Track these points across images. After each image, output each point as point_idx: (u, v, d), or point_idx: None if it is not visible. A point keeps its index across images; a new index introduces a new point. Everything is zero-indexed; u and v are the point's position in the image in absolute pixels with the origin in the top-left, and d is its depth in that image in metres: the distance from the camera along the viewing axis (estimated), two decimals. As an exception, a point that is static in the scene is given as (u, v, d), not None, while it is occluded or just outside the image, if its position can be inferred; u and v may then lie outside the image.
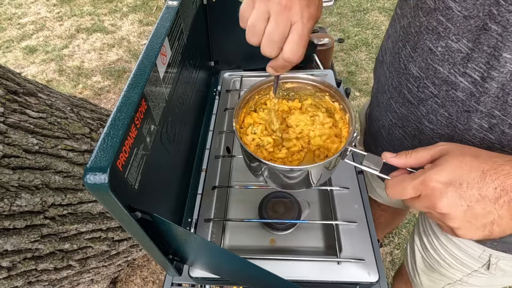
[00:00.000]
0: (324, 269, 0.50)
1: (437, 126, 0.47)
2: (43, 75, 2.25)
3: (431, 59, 0.43)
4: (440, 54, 0.42)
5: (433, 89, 0.45)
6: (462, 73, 0.40)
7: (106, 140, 0.30)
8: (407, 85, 0.49)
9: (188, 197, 0.59)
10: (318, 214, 0.62)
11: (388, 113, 0.57)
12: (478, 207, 0.31)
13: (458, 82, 0.41)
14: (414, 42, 0.46)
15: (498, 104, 0.39)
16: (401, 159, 0.38)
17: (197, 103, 0.69)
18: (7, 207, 0.66)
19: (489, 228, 0.32)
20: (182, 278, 0.53)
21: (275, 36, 0.37)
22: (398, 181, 0.36)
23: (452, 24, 0.39)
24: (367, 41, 2.33)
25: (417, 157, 0.37)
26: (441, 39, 0.41)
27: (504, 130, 0.40)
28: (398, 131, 0.56)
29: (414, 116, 0.50)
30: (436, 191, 0.32)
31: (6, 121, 0.70)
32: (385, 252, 1.36)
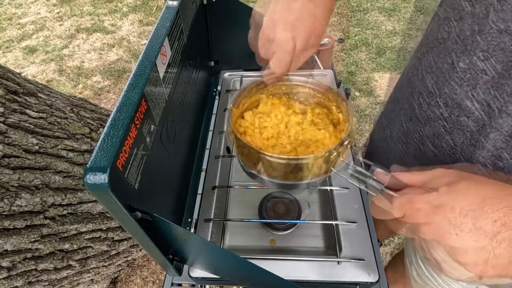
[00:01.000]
0: (324, 269, 0.50)
1: (440, 153, 0.42)
2: (43, 75, 2.25)
3: (450, 76, 0.37)
4: (461, 72, 0.36)
5: (444, 110, 0.39)
6: (481, 99, 0.34)
7: (106, 140, 0.30)
8: (419, 99, 0.44)
9: (188, 197, 0.59)
10: (318, 214, 0.62)
11: (396, 123, 0.53)
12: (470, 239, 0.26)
13: (473, 110, 0.35)
14: (438, 50, 0.40)
15: (509, 146, 0.33)
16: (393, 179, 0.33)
17: (197, 103, 0.69)
18: (7, 207, 0.66)
19: (480, 268, 0.26)
20: (182, 278, 0.53)
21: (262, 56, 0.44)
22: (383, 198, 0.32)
23: (482, 37, 0.32)
24: (367, 41, 2.33)
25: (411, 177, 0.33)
26: (466, 54, 0.35)
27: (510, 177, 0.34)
28: (401, 145, 0.52)
29: (418, 136, 0.46)
30: (422, 212, 0.28)
31: (6, 121, 0.70)
32: (385, 252, 1.36)
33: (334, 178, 0.61)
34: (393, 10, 2.59)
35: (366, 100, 1.92)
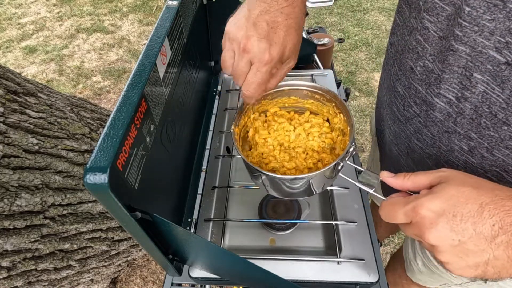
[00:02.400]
0: (324, 269, 0.50)
1: (424, 146, 0.46)
2: (43, 75, 2.25)
3: (412, 79, 0.43)
4: (419, 74, 0.42)
5: (415, 108, 0.45)
6: (436, 93, 0.40)
7: (106, 140, 0.30)
8: (396, 103, 0.49)
9: (188, 197, 0.59)
10: (318, 214, 0.62)
11: (386, 128, 0.57)
12: (471, 244, 0.28)
13: (434, 103, 0.41)
14: (400, 60, 0.46)
15: (473, 126, 0.37)
16: (398, 180, 0.36)
17: (197, 103, 0.69)
18: (7, 207, 0.66)
19: (482, 268, 0.29)
20: (182, 278, 0.53)
21: (237, 72, 0.43)
22: (391, 204, 0.34)
23: (428, 44, 0.39)
24: (367, 41, 2.33)
25: (415, 180, 0.35)
26: (420, 59, 0.41)
27: (483, 153, 0.38)
28: (394, 148, 0.55)
29: (404, 134, 0.50)
30: (426, 220, 0.30)
31: (6, 121, 0.70)
32: (385, 252, 1.36)
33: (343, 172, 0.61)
34: (393, 10, 2.59)
35: (366, 100, 1.92)
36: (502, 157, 0.37)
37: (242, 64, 0.42)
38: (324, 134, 0.53)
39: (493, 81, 0.33)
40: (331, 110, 0.53)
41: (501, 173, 0.38)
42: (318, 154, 0.51)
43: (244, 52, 0.41)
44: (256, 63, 0.41)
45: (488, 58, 0.33)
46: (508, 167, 0.37)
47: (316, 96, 0.54)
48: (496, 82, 0.33)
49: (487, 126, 0.36)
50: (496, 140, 0.36)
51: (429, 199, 0.30)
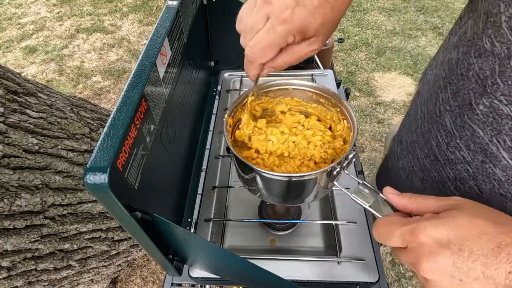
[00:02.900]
0: (324, 269, 0.50)
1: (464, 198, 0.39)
2: (43, 75, 2.25)
3: (470, 117, 0.33)
4: (482, 115, 0.32)
5: (466, 153, 0.35)
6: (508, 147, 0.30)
7: (106, 140, 0.30)
8: (437, 136, 0.39)
9: (188, 197, 0.59)
10: (318, 214, 0.62)
11: (410, 156, 0.47)
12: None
13: (499, 157, 0.31)
14: (457, 87, 0.35)
15: None
16: (403, 200, 0.31)
17: (197, 103, 0.69)
18: (7, 207, 0.66)
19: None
20: (182, 278, 0.53)
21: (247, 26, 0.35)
22: (387, 223, 0.30)
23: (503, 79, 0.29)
24: (367, 41, 2.33)
25: (422, 204, 0.30)
26: (485, 96, 0.31)
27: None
28: (418, 181, 0.46)
29: (438, 176, 0.41)
30: (425, 247, 0.25)
31: (6, 121, 0.70)
32: (385, 252, 1.36)
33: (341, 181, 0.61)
34: (393, 10, 2.59)
35: (366, 100, 1.92)
36: None
37: (256, 18, 0.33)
38: (327, 144, 0.48)
39: None
40: (335, 117, 0.50)
41: None
42: (316, 165, 0.46)
43: (265, 3, 0.32)
44: (272, 18, 0.32)
45: None
46: None
47: (321, 100, 0.51)
48: None
49: None
50: None
51: (433, 224, 0.26)
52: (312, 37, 0.34)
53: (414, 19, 2.48)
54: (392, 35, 2.36)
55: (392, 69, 2.10)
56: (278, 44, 0.34)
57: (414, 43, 2.27)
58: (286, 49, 0.35)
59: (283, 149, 0.48)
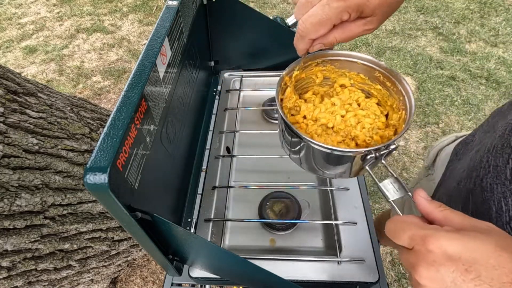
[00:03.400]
0: (324, 269, 0.50)
1: None
2: (43, 75, 2.25)
3: None
4: None
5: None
6: None
7: (106, 140, 0.30)
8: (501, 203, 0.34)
9: (188, 197, 0.59)
10: (318, 214, 0.62)
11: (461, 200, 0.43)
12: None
13: None
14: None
15: None
16: (431, 206, 0.29)
17: (197, 103, 0.69)
18: (7, 207, 0.66)
19: None
20: (182, 278, 0.53)
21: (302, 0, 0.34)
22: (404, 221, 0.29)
23: None
24: (367, 41, 2.33)
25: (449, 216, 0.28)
26: None
27: None
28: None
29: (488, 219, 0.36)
30: (431, 256, 0.25)
31: (6, 121, 0.70)
32: (385, 252, 1.36)
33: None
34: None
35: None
36: None
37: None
38: (376, 130, 0.45)
39: None
40: (395, 104, 0.45)
41: None
42: (357, 147, 0.44)
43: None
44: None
45: None
46: None
47: (387, 83, 0.46)
48: None
49: None
50: None
51: (450, 238, 0.25)
52: (369, 16, 0.33)
53: (414, 19, 2.48)
54: (392, 35, 2.36)
55: (392, 69, 2.10)
56: (332, 20, 0.33)
57: (414, 43, 2.26)
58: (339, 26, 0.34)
59: (328, 119, 0.46)
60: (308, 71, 0.49)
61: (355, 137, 0.45)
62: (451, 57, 2.12)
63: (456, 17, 2.43)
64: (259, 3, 2.79)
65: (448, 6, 2.56)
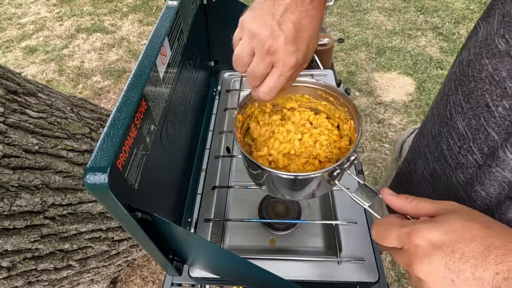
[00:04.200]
0: (324, 269, 0.50)
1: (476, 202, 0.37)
2: (43, 75, 2.25)
3: (486, 120, 0.33)
4: (499, 118, 0.31)
5: (478, 157, 0.35)
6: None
7: (106, 140, 0.30)
8: (448, 139, 0.39)
9: (188, 197, 0.59)
10: (318, 214, 0.62)
11: (421, 161, 0.47)
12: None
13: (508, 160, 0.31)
14: (469, 89, 0.35)
15: None
16: (399, 200, 0.32)
17: (197, 103, 0.69)
18: (7, 207, 0.66)
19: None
20: (182, 278, 0.53)
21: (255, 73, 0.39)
22: (385, 223, 0.31)
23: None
24: (367, 41, 2.33)
25: (418, 206, 0.31)
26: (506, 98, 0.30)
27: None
28: (426, 186, 0.46)
29: (448, 181, 0.41)
30: (419, 249, 0.26)
31: (6, 121, 0.70)
32: (385, 252, 1.36)
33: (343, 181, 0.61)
34: (393, 10, 2.59)
35: (366, 100, 1.92)
36: None
37: (262, 66, 0.38)
38: (333, 144, 0.49)
39: None
40: (342, 116, 0.50)
41: None
42: (321, 164, 0.47)
43: (268, 53, 0.36)
44: (280, 67, 0.37)
45: None
46: None
47: (330, 98, 0.51)
48: None
49: None
50: None
51: (429, 227, 0.27)
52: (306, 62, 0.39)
53: (414, 19, 2.48)
54: (392, 35, 2.36)
55: (392, 69, 2.10)
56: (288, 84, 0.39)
57: (414, 43, 2.27)
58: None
59: (289, 147, 0.49)
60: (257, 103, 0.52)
61: (317, 156, 0.48)
62: (451, 57, 2.12)
63: (456, 17, 2.43)
64: (259, 3, 2.78)
65: (448, 6, 2.56)
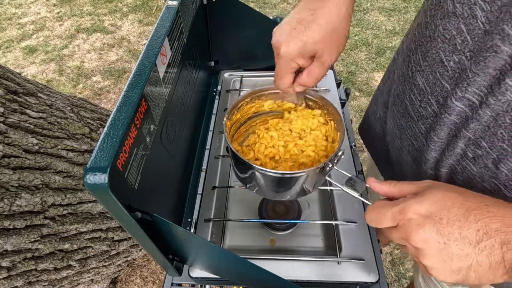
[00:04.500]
0: (324, 269, 0.50)
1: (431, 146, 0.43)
2: (43, 75, 2.25)
3: (441, 74, 0.38)
4: (451, 71, 0.36)
5: (435, 107, 0.40)
6: (459, 97, 0.36)
7: (106, 140, 0.30)
8: (410, 96, 0.44)
9: (188, 197, 0.59)
10: (318, 214, 0.62)
11: (391, 119, 0.52)
12: (456, 247, 0.29)
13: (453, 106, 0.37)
14: (426, 48, 0.40)
15: (487, 135, 0.34)
16: (384, 186, 0.36)
17: (197, 103, 0.69)
18: (7, 207, 0.66)
19: (464, 273, 0.29)
20: (182, 278, 0.53)
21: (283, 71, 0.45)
22: (378, 207, 0.34)
23: (471, 37, 0.33)
24: (367, 41, 2.33)
25: (402, 188, 0.35)
26: (456, 53, 0.35)
27: (487, 164, 0.36)
28: (397, 140, 0.52)
29: (411, 132, 0.46)
30: (413, 222, 0.30)
31: (6, 121, 0.70)
32: (385, 252, 1.36)
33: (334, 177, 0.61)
34: (393, 10, 2.59)
35: (366, 100, 1.92)
36: (506, 171, 0.34)
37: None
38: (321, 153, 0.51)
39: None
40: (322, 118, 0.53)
41: (499, 186, 0.36)
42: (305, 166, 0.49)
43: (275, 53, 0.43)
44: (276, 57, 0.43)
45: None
46: (509, 182, 0.35)
47: (309, 103, 0.54)
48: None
49: (503, 138, 0.33)
50: (507, 154, 0.34)
51: (417, 201, 0.31)
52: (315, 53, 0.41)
53: (414, 19, 2.48)
54: (392, 35, 2.36)
55: (392, 69, 2.10)
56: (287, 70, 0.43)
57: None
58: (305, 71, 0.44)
59: (274, 152, 0.50)
60: (241, 110, 0.53)
61: (303, 163, 0.49)
62: (451, 57, 2.12)
63: (456, 17, 2.43)
64: (259, 3, 2.79)
65: (448, 6, 2.56)
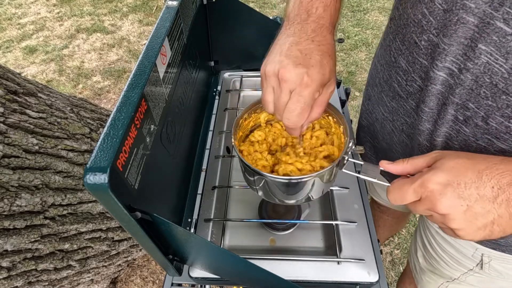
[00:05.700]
0: (324, 269, 0.50)
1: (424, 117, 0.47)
2: (43, 75, 2.25)
3: (417, 53, 0.44)
4: (424, 48, 0.42)
5: (420, 82, 0.45)
6: (440, 67, 0.40)
7: (106, 140, 0.30)
8: (397, 78, 0.50)
9: (188, 197, 0.59)
10: (318, 214, 0.62)
11: (380, 106, 0.57)
12: (478, 206, 0.31)
13: (437, 77, 0.41)
14: (403, 34, 0.46)
15: (472, 96, 0.39)
16: (398, 166, 0.38)
17: (197, 103, 0.69)
18: (7, 207, 0.66)
19: (489, 228, 0.32)
20: (182, 278, 0.53)
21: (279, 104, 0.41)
22: (399, 186, 0.36)
23: (433, 17, 0.39)
24: (367, 41, 2.33)
25: (414, 163, 0.37)
26: (424, 33, 0.41)
27: (477, 123, 0.40)
28: (388, 124, 0.56)
29: (403, 110, 0.50)
30: (435, 192, 0.33)
31: (6, 121, 0.70)
32: (385, 252, 1.36)
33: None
34: (393, 10, 2.59)
35: (366, 100, 1.92)
36: (495, 125, 0.38)
37: (283, 96, 0.39)
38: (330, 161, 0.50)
39: (497, 52, 0.34)
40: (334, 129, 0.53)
41: (492, 140, 0.40)
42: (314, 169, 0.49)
43: (282, 82, 0.38)
44: (296, 89, 0.38)
45: (495, 29, 0.34)
46: (500, 134, 0.39)
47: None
48: (500, 52, 0.34)
49: (486, 95, 0.37)
50: (493, 109, 0.38)
51: (434, 173, 0.33)
52: (328, 81, 0.41)
53: (414, 19, 2.47)
54: (392, 35, 2.35)
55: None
56: (309, 105, 0.40)
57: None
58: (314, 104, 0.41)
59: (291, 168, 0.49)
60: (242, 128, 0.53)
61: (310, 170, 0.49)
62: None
63: (456, 17, 2.43)
64: (259, 3, 2.79)
65: (448, 6, 2.56)
